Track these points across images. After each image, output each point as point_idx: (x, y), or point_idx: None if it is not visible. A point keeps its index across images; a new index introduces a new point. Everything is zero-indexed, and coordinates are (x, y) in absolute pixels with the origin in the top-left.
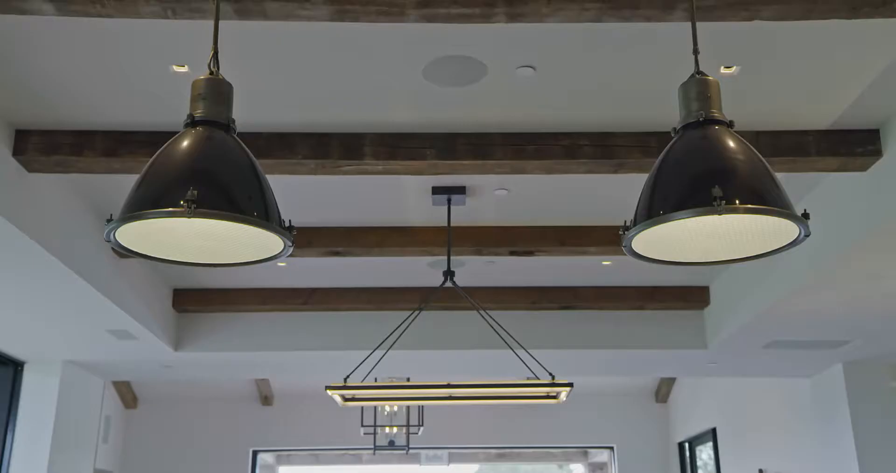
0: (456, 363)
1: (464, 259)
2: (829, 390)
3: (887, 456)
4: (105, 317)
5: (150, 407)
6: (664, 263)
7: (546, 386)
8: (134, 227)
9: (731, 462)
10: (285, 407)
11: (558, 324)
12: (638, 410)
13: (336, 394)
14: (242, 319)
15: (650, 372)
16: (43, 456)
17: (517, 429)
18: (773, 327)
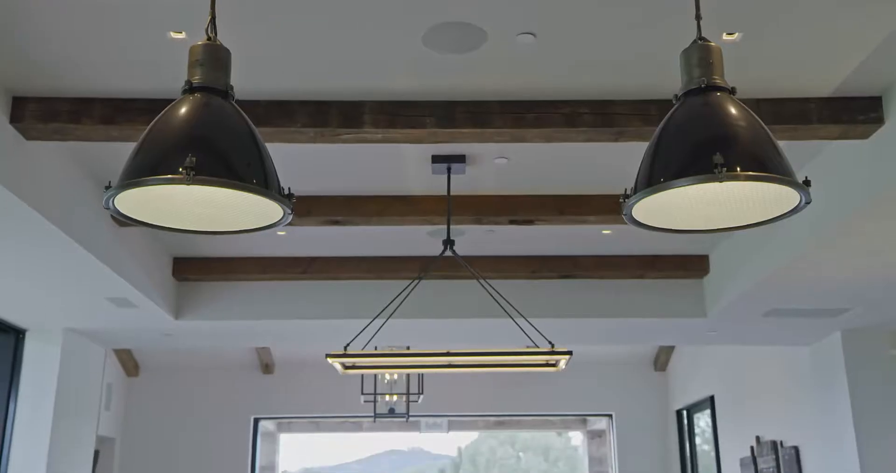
0: (456, 332)
1: (463, 228)
2: (827, 358)
3: (884, 423)
4: (105, 285)
5: (151, 375)
6: (664, 231)
7: (545, 354)
8: (132, 194)
9: (728, 429)
10: (286, 375)
11: (558, 293)
12: (637, 378)
13: (336, 362)
14: (242, 288)
15: (649, 341)
16: (46, 423)
17: (516, 397)
18: (772, 295)
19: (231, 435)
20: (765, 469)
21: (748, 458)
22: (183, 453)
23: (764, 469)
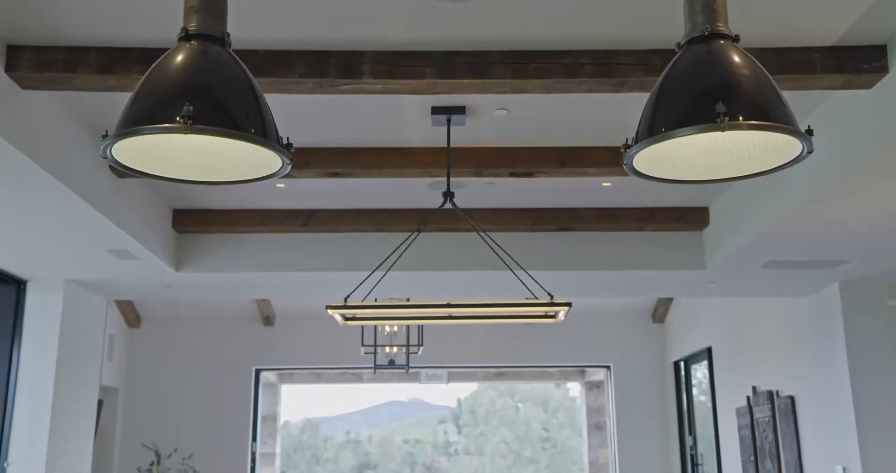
0: (455, 285)
1: (463, 181)
2: (825, 309)
3: (879, 373)
4: (104, 236)
5: (152, 326)
6: (665, 181)
7: (544, 306)
8: (130, 144)
9: (725, 380)
10: (287, 327)
11: (557, 245)
12: (635, 330)
13: (336, 313)
14: (242, 240)
15: (648, 293)
16: (49, 373)
17: (516, 349)
18: (771, 247)
19: (233, 386)
20: (760, 418)
21: (744, 408)
22: (185, 403)
23: (760, 418)
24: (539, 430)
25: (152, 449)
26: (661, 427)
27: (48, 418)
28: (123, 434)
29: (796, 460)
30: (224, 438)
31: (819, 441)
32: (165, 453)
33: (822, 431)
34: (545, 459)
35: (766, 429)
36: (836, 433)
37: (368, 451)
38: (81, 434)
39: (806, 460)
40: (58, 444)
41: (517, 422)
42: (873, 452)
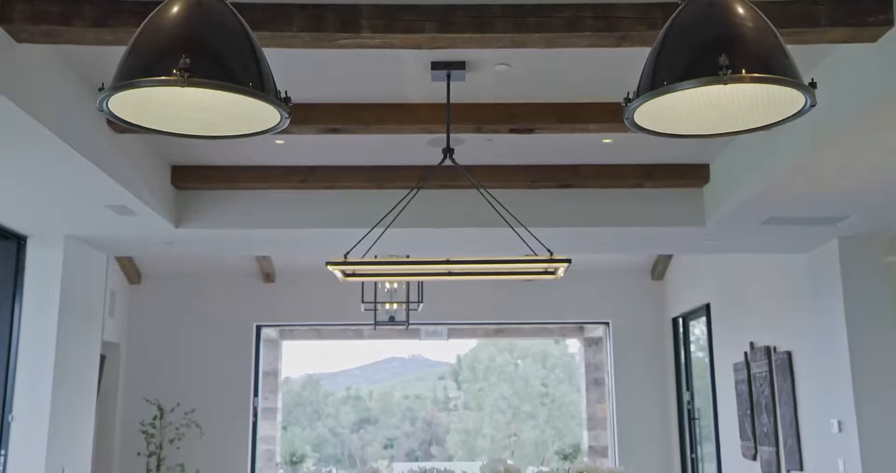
0: (455, 242)
1: (463, 137)
2: (823, 265)
3: (875, 329)
4: (103, 192)
5: (153, 283)
6: (666, 136)
7: (544, 262)
8: (127, 98)
9: (723, 336)
10: (287, 284)
11: (557, 202)
12: (634, 287)
13: (336, 270)
14: (242, 196)
15: (648, 250)
16: (51, 328)
17: (515, 306)
18: (771, 203)
19: (234, 342)
20: (757, 373)
21: (741, 363)
22: (187, 358)
23: (757, 373)
24: (538, 386)
25: (155, 404)
26: (658, 382)
27: (51, 372)
28: (126, 389)
29: (792, 414)
30: (226, 393)
31: (815, 395)
32: (168, 407)
33: (818, 386)
34: (544, 414)
35: (762, 384)
36: (831, 387)
37: (369, 407)
38: (84, 388)
39: (802, 414)
40: (61, 398)
41: (516, 378)
42: (868, 406)
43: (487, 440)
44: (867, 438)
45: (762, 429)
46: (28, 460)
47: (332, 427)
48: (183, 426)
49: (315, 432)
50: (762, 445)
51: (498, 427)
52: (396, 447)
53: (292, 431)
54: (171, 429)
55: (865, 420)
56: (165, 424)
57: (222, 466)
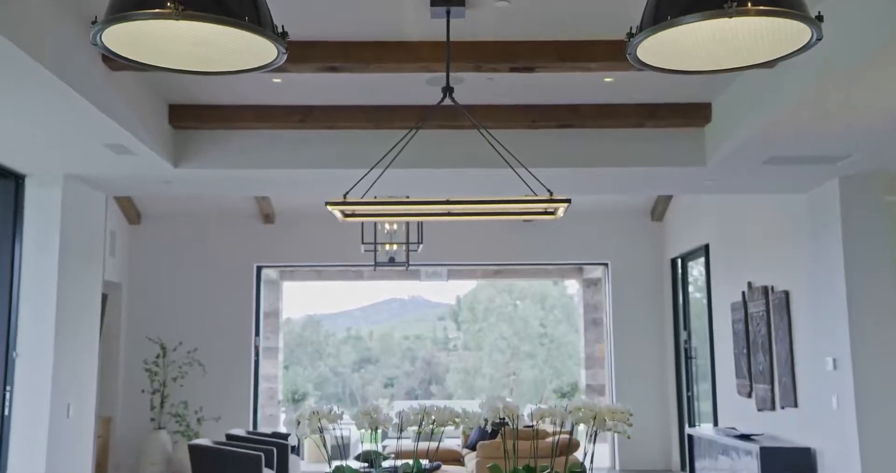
0: (455, 183)
1: (463, 76)
2: (823, 204)
3: (873, 267)
4: (100, 130)
5: (153, 223)
6: (669, 71)
7: (543, 202)
8: (121, 32)
9: (721, 276)
10: (287, 225)
11: (557, 143)
12: (633, 228)
13: (336, 210)
14: (240, 136)
15: (648, 191)
16: (52, 267)
17: (514, 247)
18: (773, 142)
19: (234, 282)
20: (755, 312)
21: (739, 303)
22: (188, 298)
23: (754, 312)
24: (537, 326)
25: (157, 343)
26: (656, 322)
27: (53, 310)
28: (128, 328)
29: (788, 352)
30: (227, 332)
31: (811, 334)
32: (170, 346)
33: (814, 324)
34: (542, 354)
35: (759, 323)
36: (828, 326)
37: (369, 347)
38: (86, 326)
39: (797, 352)
40: (64, 336)
41: (515, 319)
42: (863, 344)
43: (486, 379)
44: (861, 375)
45: (758, 367)
46: (33, 396)
47: (333, 367)
48: (186, 364)
49: (316, 371)
50: (757, 383)
51: (497, 366)
52: (397, 386)
53: (294, 370)
54: (173, 368)
55: (860, 358)
56: (168, 362)
57: (225, 404)
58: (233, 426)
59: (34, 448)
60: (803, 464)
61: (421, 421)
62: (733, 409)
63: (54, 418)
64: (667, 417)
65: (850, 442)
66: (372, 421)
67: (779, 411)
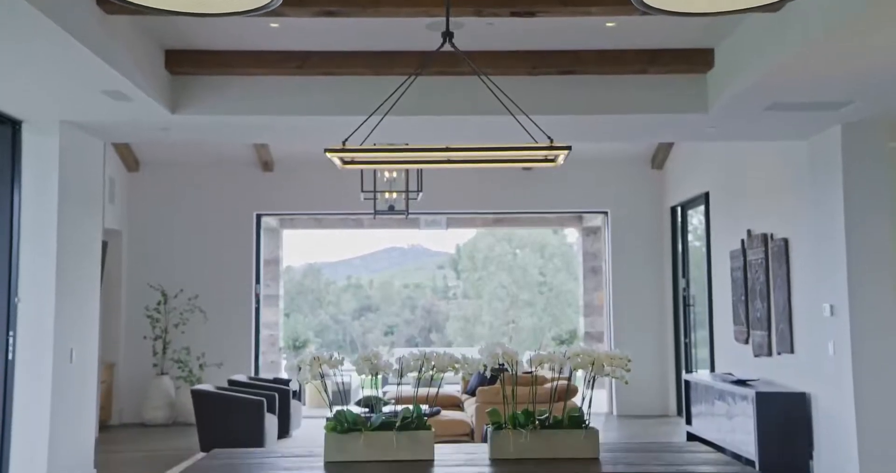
0: (454, 130)
1: (463, 20)
2: (825, 151)
3: (873, 213)
4: (96, 76)
5: (152, 171)
6: (672, 14)
7: (544, 149)
8: None
9: (721, 224)
10: (286, 173)
11: (558, 89)
12: (634, 176)
13: (335, 157)
14: (238, 82)
15: (649, 138)
16: (51, 214)
17: (514, 195)
18: (776, 88)
19: (234, 230)
20: (753, 260)
21: (738, 251)
22: (188, 246)
23: (753, 260)
24: (536, 275)
25: (158, 290)
26: (655, 270)
27: (54, 256)
28: (129, 275)
29: (786, 299)
30: (228, 280)
31: (809, 281)
32: (171, 293)
33: (812, 271)
34: (541, 302)
35: (758, 271)
36: (826, 273)
37: (369, 295)
38: (87, 272)
39: (795, 299)
40: (65, 281)
41: (515, 267)
42: (860, 290)
43: (486, 327)
44: (858, 321)
45: (755, 314)
46: (36, 341)
47: (334, 315)
48: (187, 311)
49: (317, 319)
50: (755, 329)
51: (496, 314)
52: (397, 334)
53: (294, 318)
54: (175, 314)
55: (857, 304)
56: (169, 309)
57: (227, 350)
58: (234, 372)
59: (39, 393)
60: (798, 409)
61: (421, 367)
62: (730, 356)
63: (57, 362)
64: (664, 364)
65: (845, 387)
66: (372, 367)
67: (775, 357)
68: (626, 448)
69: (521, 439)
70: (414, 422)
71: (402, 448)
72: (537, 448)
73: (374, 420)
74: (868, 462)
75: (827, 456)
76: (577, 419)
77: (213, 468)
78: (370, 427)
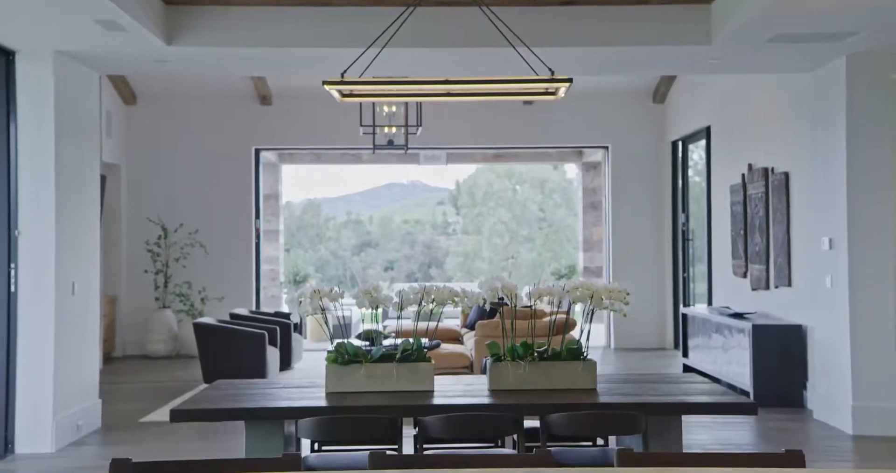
0: (454, 63)
1: None
2: (828, 83)
3: (875, 146)
4: (90, 5)
5: (149, 104)
6: None
7: (545, 82)
8: None
9: (721, 158)
10: (284, 107)
11: (560, 20)
12: (635, 110)
13: (333, 89)
14: (234, 13)
15: (651, 71)
16: (49, 146)
17: (514, 130)
18: (781, 18)
19: (233, 164)
20: (753, 194)
21: (738, 185)
22: (188, 180)
23: (753, 194)
24: (535, 211)
25: (158, 224)
26: (655, 205)
27: (52, 190)
28: (129, 209)
29: (785, 233)
30: (228, 215)
31: (809, 214)
32: (171, 228)
33: (812, 205)
34: (541, 238)
35: (757, 205)
36: (826, 206)
37: (369, 231)
38: (86, 205)
39: (794, 233)
40: (65, 214)
41: (514, 203)
42: (859, 223)
43: (485, 262)
44: (856, 254)
45: (754, 248)
46: (38, 273)
47: (334, 250)
48: (187, 246)
49: (317, 254)
50: (753, 263)
51: (496, 250)
52: (396, 269)
53: (295, 253)
54: (175, 249)
55: (856, 237)
56: (170, 244)
57: (228, 285)
58: (236, 306)
59: (43, 325)
60: (794, 341)
61: (421, 300)
62: (728, 289)
63: (60, 295)
64: (662, 298)
65: (841, 319)
66: (372, 300)
67: (773, 290)
68: (622, 379)
69: (519, 370)
70: (414, 354)
71: (402, 378)
72: (535, 379)
73: (374, 352)
74: (860, 391)
75: (821, 386)
76: (576, 351)
77: (217, 397)
78: (371, 358)
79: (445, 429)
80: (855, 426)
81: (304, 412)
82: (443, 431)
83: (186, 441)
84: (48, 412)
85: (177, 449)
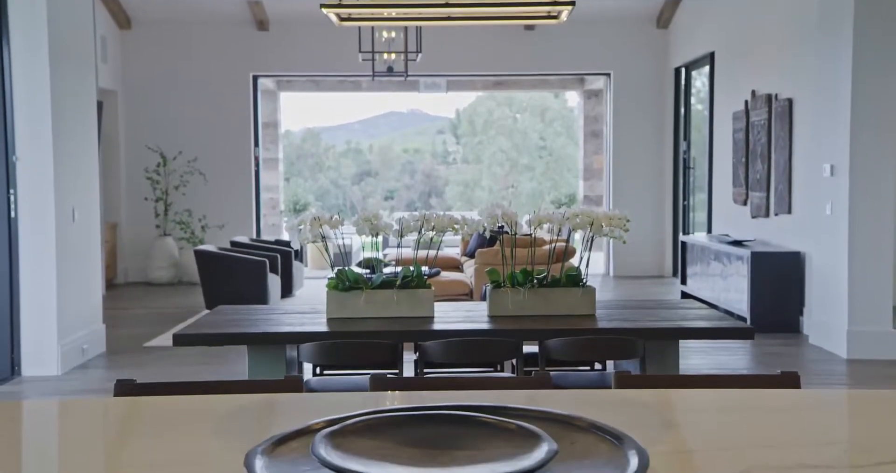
0: None
1: None
2: (835, 7)
3: (882, 70)
4: None
5: (144, 29)
6: None
7: (547, 5)
8: None
9: (725, 84)
10: (282, 33)
11: None
12: (638, 36)
13: (331, 13)
14: None
15: None
16: (44, 71)
17: (515, 56)
18: None
19: (231, 91)
20: (756, 121)
21: (741, 112)
22: (185, 107)
23: (755, 121)
24: (536, 139)
25: (157, 151)
26: (656, 133)
27: (49, 115)
28: (127, 136)
29: (786, 160)
30: (226, 142)
31: (811, 141)
32: (170, 155)
33: (815, 132)
34: (541, 167)
35: (760, 132)
36: (828, 133)
37: (369, 160)
38: (84, 131)
39: (796, 160)
40: (63, 140)
41: (515, 132)
42: (862, 150)
43: (486, 191)
44: (857, 181)
45: (755, 176)
46: (37, 199)
47: (334, 179)
48: (187, 173)
49: (317, 183)
50: (754, 191)
51: (496, 179)
52: (397, 198)
53: (294, 182)
54: (175, 176)
55: (858, 164)
56: (169, 171)
57: (228, 213)
58: (236, 234)
59: (44, 251)
60: (792, 267)
61: (421, 227)
62: (728, 217)
63: (60, 221)
64: (662, 226)
65: (840, 246)
66: (372, 227)
67: (772, 218)
68: (621, 305)
69: (518, 296)
70: (414, 281)
71: (402, 304)
72: (535, 305)
73: (374, 279)
74: (856, 317)
75: (817, 313)
76: (575, 277)
77: (220, 322)
78: (371, 285)
79: (445, 354)
80: (850, 350)
81: (305, 337)
82: (443, 356)
83: (189, 365)
84: (52, 335)
85: (180, 372)
